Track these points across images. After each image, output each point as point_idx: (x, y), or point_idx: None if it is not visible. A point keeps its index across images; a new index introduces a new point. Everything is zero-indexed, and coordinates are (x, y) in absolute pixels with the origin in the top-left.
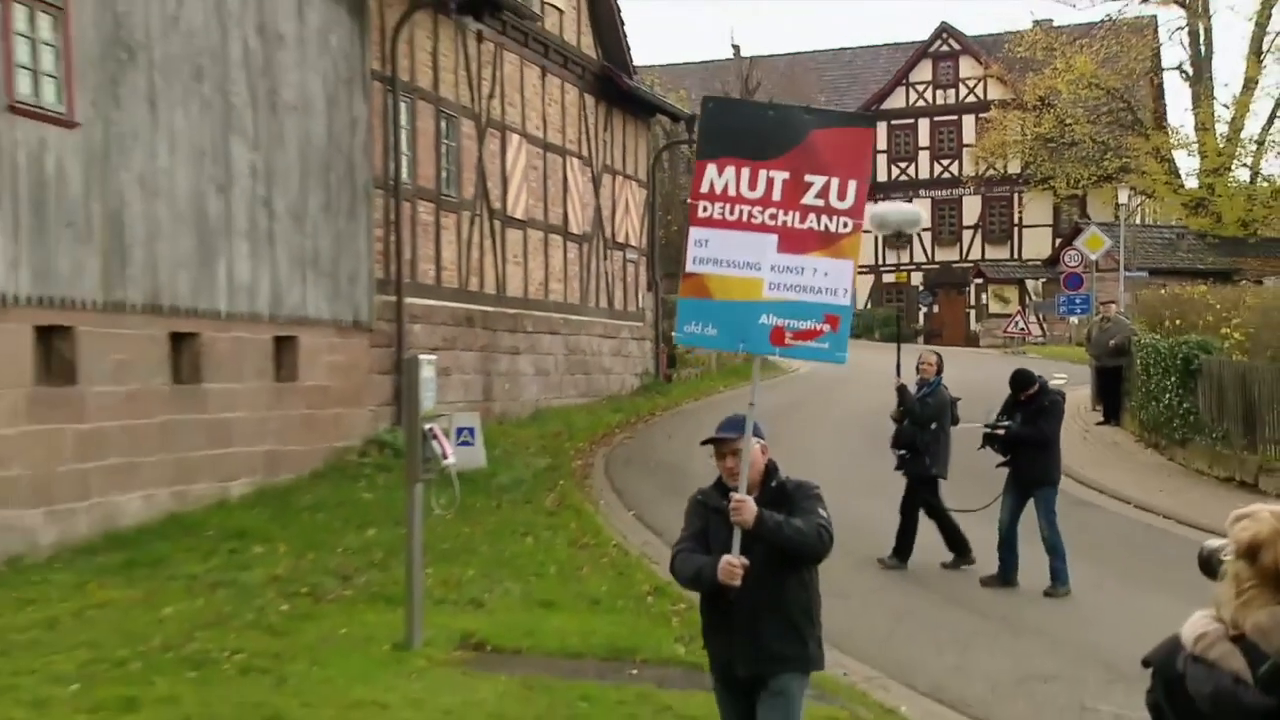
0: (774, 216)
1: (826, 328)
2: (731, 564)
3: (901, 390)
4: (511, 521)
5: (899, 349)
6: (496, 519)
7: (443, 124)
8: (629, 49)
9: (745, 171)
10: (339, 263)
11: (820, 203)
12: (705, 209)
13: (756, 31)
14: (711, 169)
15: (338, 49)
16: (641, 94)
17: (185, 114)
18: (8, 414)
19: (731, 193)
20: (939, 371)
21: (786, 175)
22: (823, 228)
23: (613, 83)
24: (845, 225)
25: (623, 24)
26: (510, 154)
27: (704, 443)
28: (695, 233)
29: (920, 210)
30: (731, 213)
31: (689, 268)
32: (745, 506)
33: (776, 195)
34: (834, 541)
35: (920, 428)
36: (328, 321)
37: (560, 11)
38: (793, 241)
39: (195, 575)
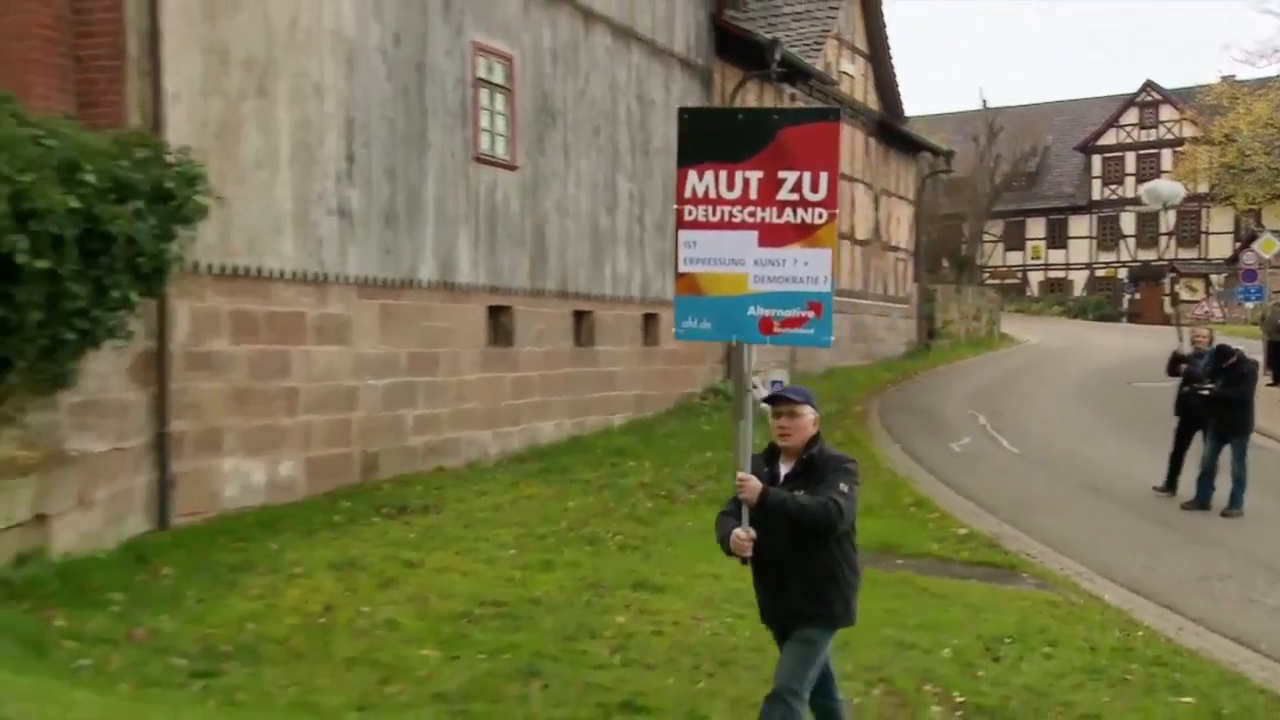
0: (753, 214)
1: (810, 314)
2: (739, 538)
3: (1185, 356)
4: None
5: (1178, 324)
6: None
7: None
8: (901, 102)
9: (723, 174)
10: None
11: (795, 197)
12: (690, 213)
13: (1000, 85)
14: (693, 175)
15: None
16: (911, 136)
17: (587, 158)
18: (470, 365)
19: (712, 195)
20: (1210, 342)
21: (761, 174)
22: (799, 220)
23: (889, 128)
24: (820, 216)
25: (897, 84)
26: None
27: (765, 400)
28: (683, 235)
29: (1180, 187)
30: (714, 214)
31: (681, 268)
32: (748, 485)
33: (753, 194)
34: (845, 513)
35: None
36: None
37: (851, 77)
38: (772, 236)
39: (588, 479)
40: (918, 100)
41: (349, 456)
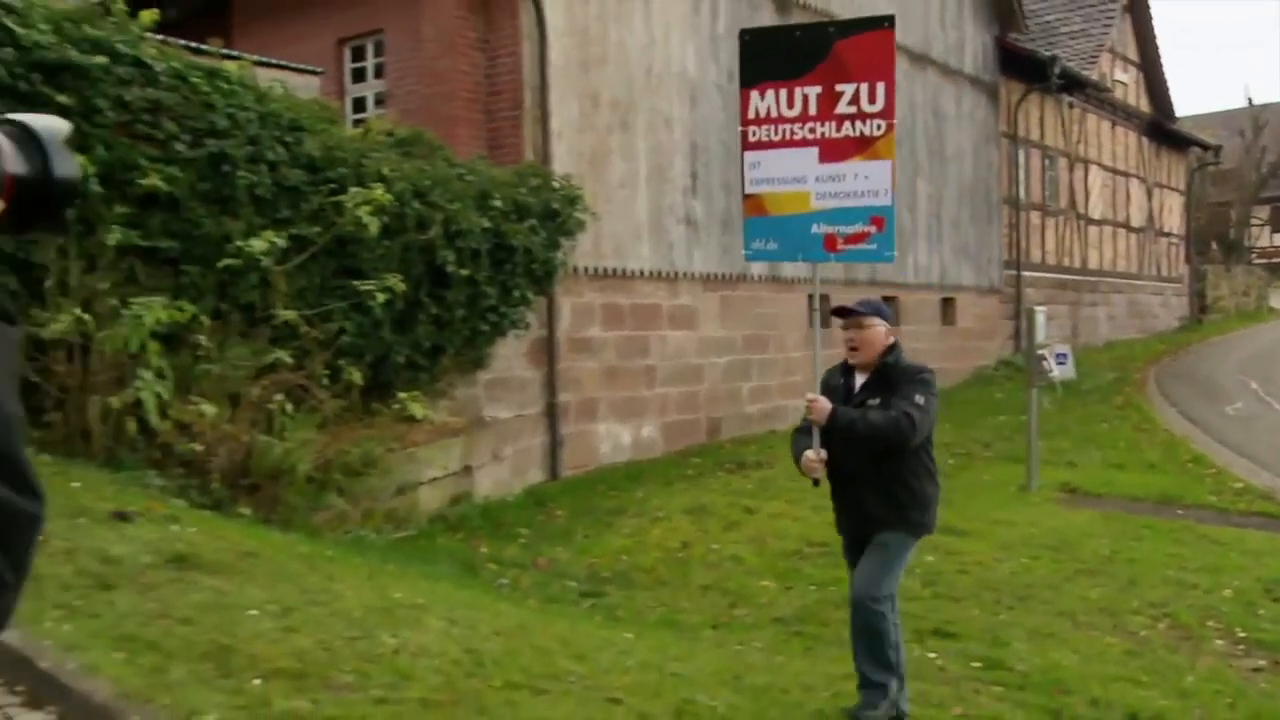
0: (812, 130)
1: (873, 229)
2: (809, 459)
3: None
4: (1093, 413)
5: None
6: (1083, 411)
7: (1045, 161)
8: (1171, 104)
9: (783, 92)
10: (980, 251)
11: (853, 109)
12: (754, 134)
13: (1265, 83)
14: (755, 96)
15: (980, 120)
16: (1180, 134)
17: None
18: (794, 344)
19: (774, 114)
20: None
21: (819, 89)
22: (858, 133)
23: (1160, 128)
24: (879, 127)
25: (1168, 88)
26: (1090, 178)
27: (833, 311)
28: (749, 157)
29: None
30: (776, 133)
31: (747, 189)
32: (817, 405)
33: (813, 110)
34: (918, 426)
35: None
36: (972, 288)
37: (1124, 85)
38: (832, 151)
39: None
40: (1186, 102)
41: (697, 421)
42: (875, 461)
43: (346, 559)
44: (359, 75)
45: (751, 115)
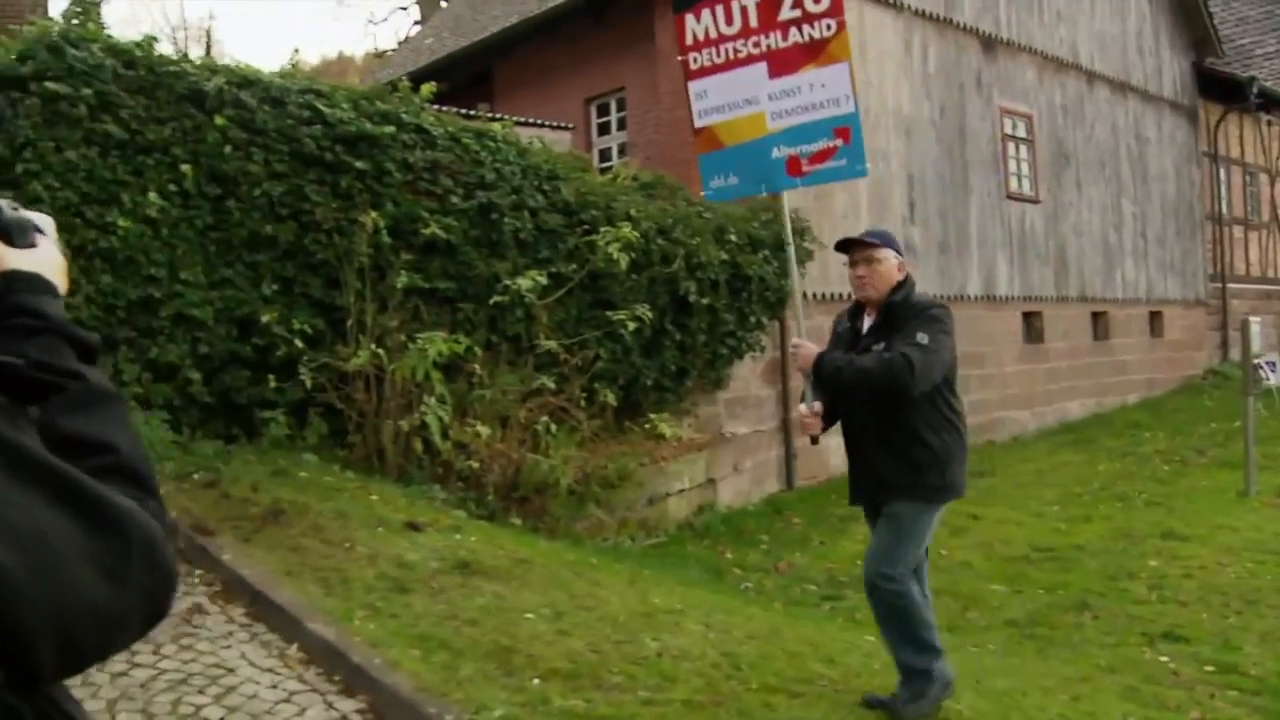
0: (757, 44)
1: (839, 142)
2: (801, 415)
3: None
4: None
5: None
6: None
7: (1246, 178)
8: None
9: (719, 9)
10: (1184, 265)
11: (797, 13)
12: (695, 60)
13: None
14: (690, 19)
15: (1180, 141)
16: None
17: (1096, 189)
18: (1009, 359)
19: (714, 35)
20: None
21: None
22: (806, 38)
23: None
24: (828, 28)
25: None
26: None
27: (838, 245)
28: (693, 87)
29: None
30: (719, 55)
31: (696, 123)
32: (800, 351)
33: (754, 21)
34: (916, 367)
35: None
36: (1179, 301)
37: None
38: (782, 63)
39: (1112, 448)
40: None
41: None
42: (882, 413)
43: (608, 565)
44: (604, 129)
45: (689, 41)
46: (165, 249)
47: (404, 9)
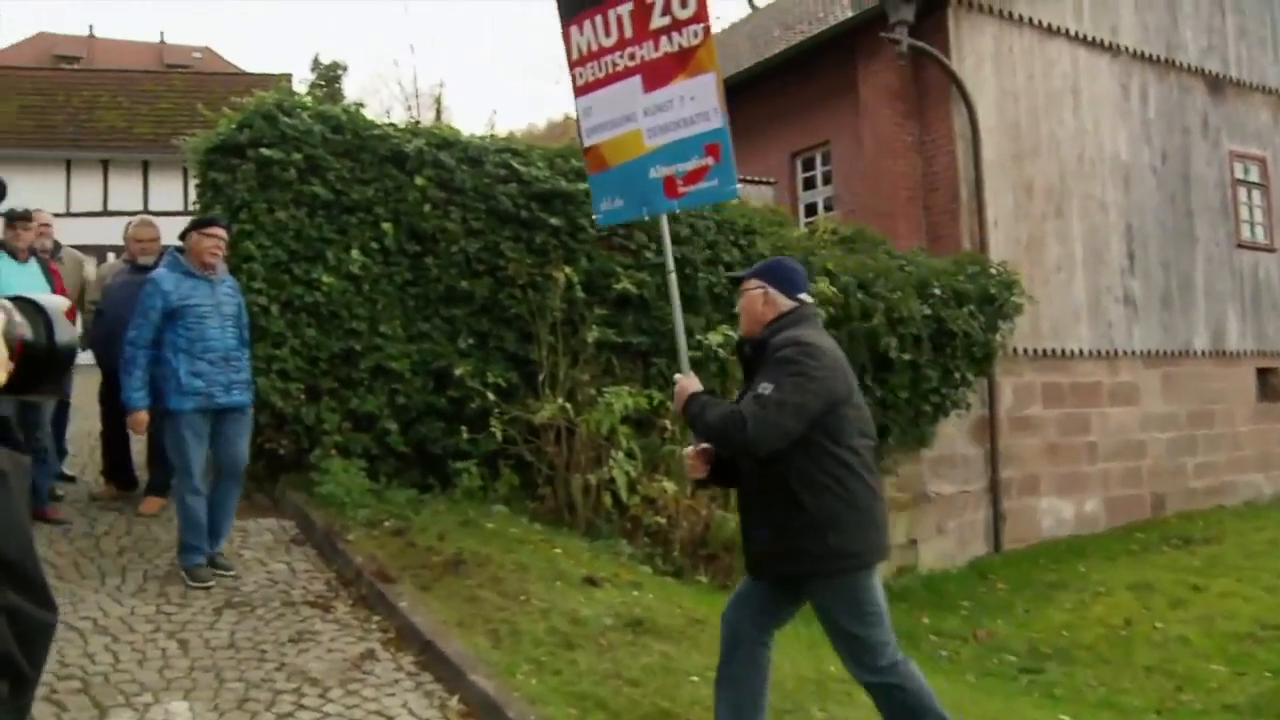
0: (633, 55)
1: (710, 161)
2: (686, 455)
3: None
4: None
5: None
6: None
7: None
8: None
9: (599, 20)
10: None
11: (666, 20)
12: (580, 75)
13: None
14: (574, 32)
15: None
16: None
17: None
18: (1241, 418)
19: (594, 48)
20: None
21: (630, 5)
22: (676, 47)
23: None
24: (695, 35)
25: None
26: None
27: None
28: (579, 104)
29: None
30: (600, 69)
31: (585, 141)
32: (678, 389)
33: (629, 32)
34: (751, 425)
35: None
36: None
37: None
38: (655, 75)
39: None
40: None
41: (1140, 497)
42: (760, 468)
43: (793, 628)
44: (809, 183)
45: (575, 55)
46: (366, 303)
47: None
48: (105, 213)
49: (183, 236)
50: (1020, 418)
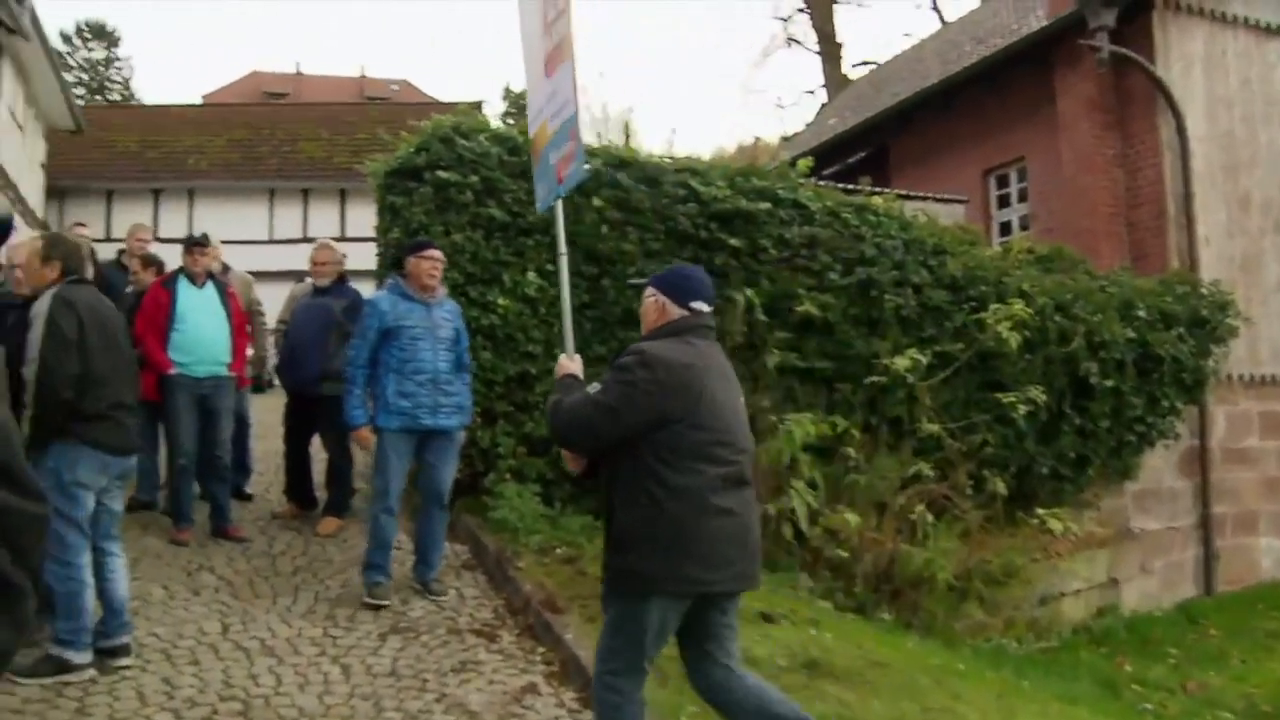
0: (542, 45)
1: (573, 144)
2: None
3: None
4: None
5: None
6: None
7: None
8: None
9: (536, 15)
10: None
11: (555, 11)
12: (529, 68)
13: None
14: (528, 24)
15: None
16: None
17: None
18: None
19: (538, 30)
20: None
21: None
22: (559, 38)
23: None
24: (565, 24)
25: None
26: None
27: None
28: (530, 95)
29: None
30: (533, 60)
31: (530, 129)
32: (556, 368)
33: (540, 23)
34: (565, 422)
35: None
36: None
37: None
38: (550, 64)
39: None
40: None
41: None
42: (609, 471)
43: (978, 673)
44: (1003, 201)
45: (529, 51)
46: (543, 326)
47: (810, 93)
48: (305, 239)
49: (399, 261)
50: (1235, 449)
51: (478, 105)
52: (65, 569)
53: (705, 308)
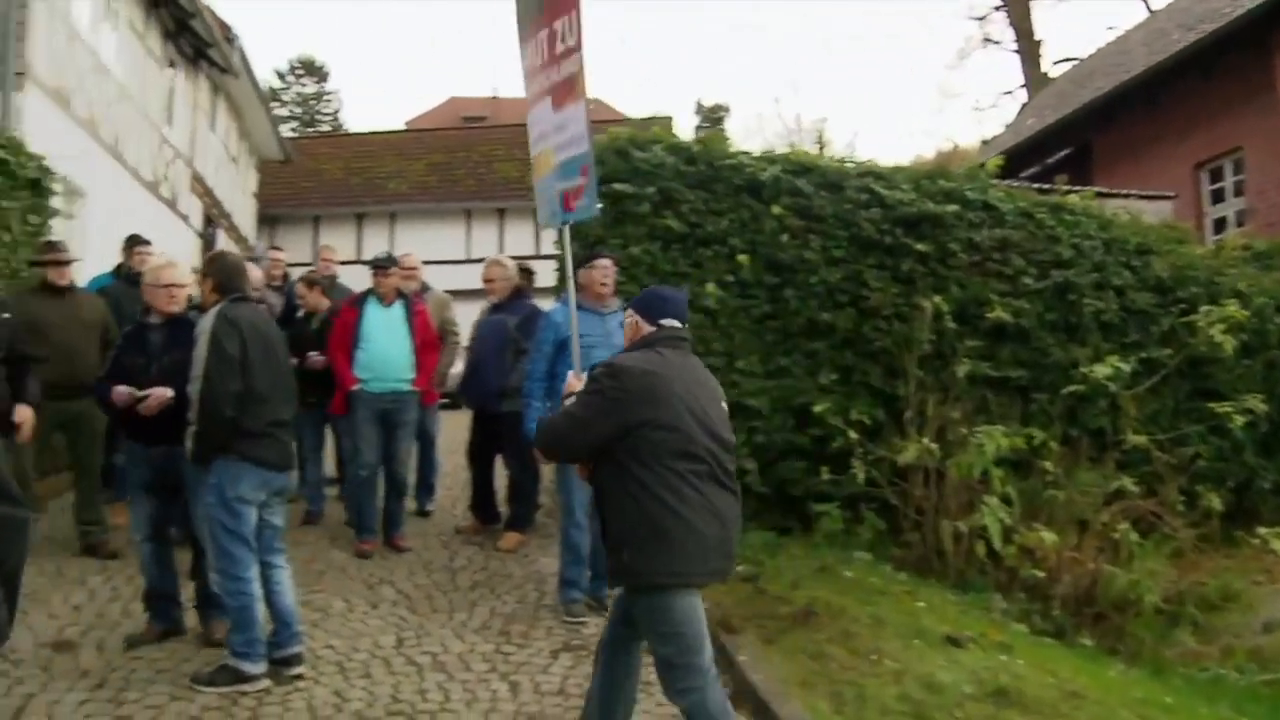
0: (547, 78)
1: (583, 180)
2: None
3: None
4: None
5: None
6: None
7: None
8: None
9: (532, 42)
10: None
11: (564, 46)
12: (528, 88)
13: None
14: (525, 50)
15: None
16: None
17: None
18: None
19: (533, 66)
20: None
21: (546, 30)
22: (567, 75)
23: None
24: (577, 63)
25: None
26: None
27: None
28: (530, 115)
29: None
30: (533, 86)
31: (532, 151)
32: (565, 387)
33: (545, 55)
34: (542, 431)
35: None
36: None
37: None
38: (558, 97)
39: None
40: None
41: None
42: (599, 477)
43: (1188, 708)
44: (1217, 196)
45: (525, 71)
46: (722, 338)
47: (1009, 93)
48: None
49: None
50: None
51: (668, 120)
52: (235, 583)
53: (675, 323)
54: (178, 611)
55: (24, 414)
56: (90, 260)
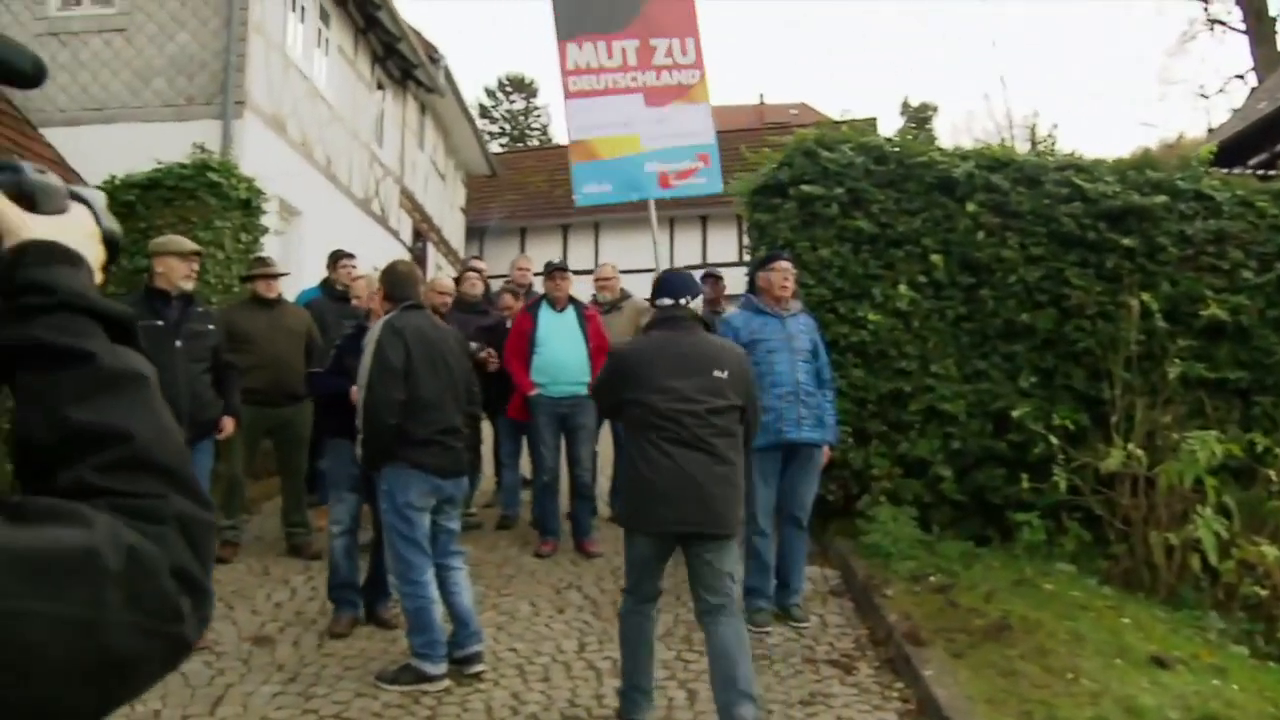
0: (635, 79)
1: (700, 164)
2: None
3: None
4: None
5: None
6: None
7: None
8: None
9: (601, 45)
10: None
11: (669, 61)
12: (575, 83)
13: None
14: (572, 48)
15: None
16: None
17: None
18: None
19: (594, 65)
20: None
21: (636, 43)
22: (676, 82)
23: None
24: (694, 76)
25: None
26: None
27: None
28: (572, 104)
29: None
30: (599, 82)
31: (574, 136)
32: None
33: (632, 60)
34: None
35: None
36: None
37: None
38: (656, 96)
39: None
40: None
41: None
42: None
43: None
44: None
45: (571, 66)
46: (916, 341)
47: (1240, 77)
48: (704, 265)
49: (750, 277)
50: None
51: (872, 121)
52: (412, 587)
53: (668, 301)
54: (360, 600)
55: (227, 426)
56: (306, 275)
